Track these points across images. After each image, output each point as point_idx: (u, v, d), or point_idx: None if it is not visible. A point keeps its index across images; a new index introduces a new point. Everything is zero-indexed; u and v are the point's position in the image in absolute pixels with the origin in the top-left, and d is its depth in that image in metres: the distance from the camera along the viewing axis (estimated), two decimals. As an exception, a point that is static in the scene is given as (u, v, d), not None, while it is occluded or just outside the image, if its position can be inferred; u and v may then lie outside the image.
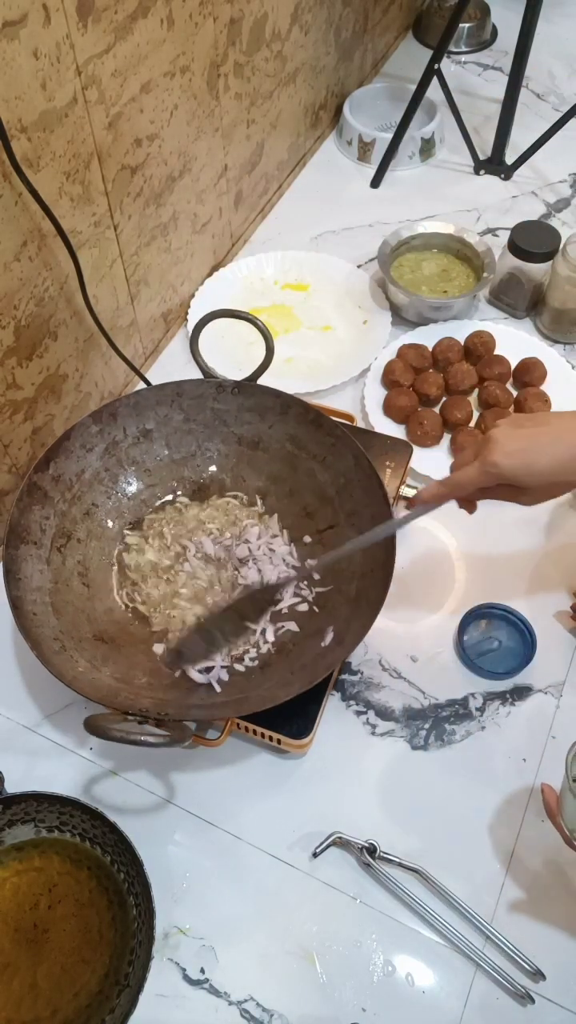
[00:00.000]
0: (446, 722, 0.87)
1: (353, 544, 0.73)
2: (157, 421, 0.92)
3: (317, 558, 0.82)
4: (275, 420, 0.92)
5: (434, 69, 1.26)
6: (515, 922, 0.77)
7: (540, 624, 0.91)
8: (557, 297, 1.13)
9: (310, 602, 0.86)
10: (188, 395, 0.92)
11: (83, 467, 0.88)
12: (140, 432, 0.91)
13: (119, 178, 0.94)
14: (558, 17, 1.62)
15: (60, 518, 0.85)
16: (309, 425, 0.90)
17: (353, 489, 0.87)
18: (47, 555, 0.83)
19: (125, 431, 0.90)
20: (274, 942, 0.77)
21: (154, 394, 0.91)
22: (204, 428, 0.93)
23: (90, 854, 0.79)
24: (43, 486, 0.84)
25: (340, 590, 0.84)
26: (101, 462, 0.89)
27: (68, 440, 0.86)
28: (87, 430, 0.88)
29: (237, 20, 1.05)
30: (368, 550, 0.81)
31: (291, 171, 1.39)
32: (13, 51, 0.72)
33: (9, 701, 0.91)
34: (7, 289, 0.84)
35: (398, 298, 1.19)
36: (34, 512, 0.83)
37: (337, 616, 0.82)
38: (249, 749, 0.86)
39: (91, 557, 0.88)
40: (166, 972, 0.76)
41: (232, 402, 0.92)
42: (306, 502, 0.91)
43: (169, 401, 0.91)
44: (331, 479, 0.89)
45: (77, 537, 0.87)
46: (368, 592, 0.80)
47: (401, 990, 0.75)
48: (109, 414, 0.89)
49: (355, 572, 0.83)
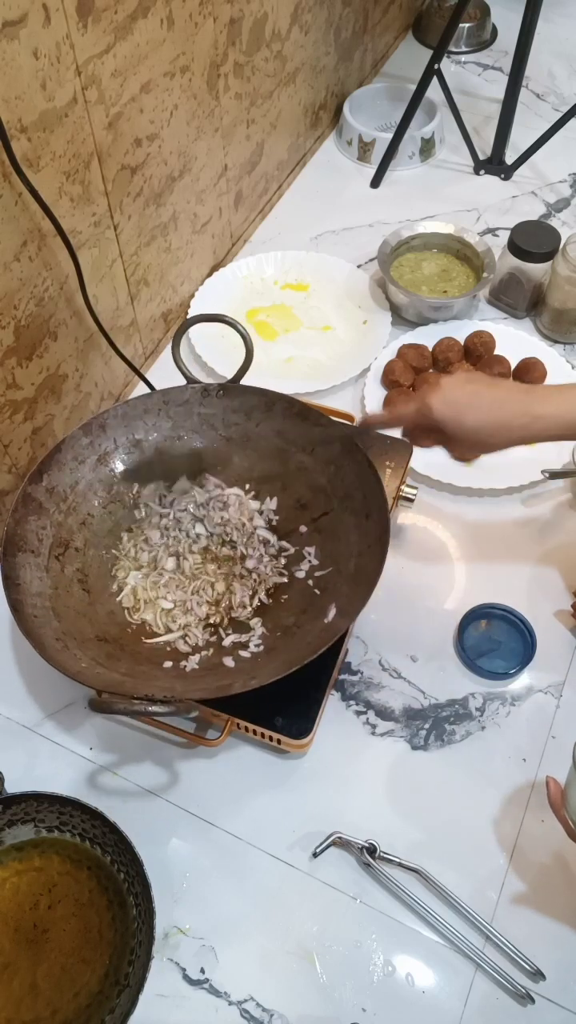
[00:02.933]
0: (446, 722, 0.87)
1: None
2: (146, 430, 0.92)
3: (306, 530, 0.82)
4: (261, 418, 0.92)
5: (434, 69, 1.26)
6: (515, 922, 0.77)
7: (540, 624, 0.91)
8: (557, 297, 1.13)
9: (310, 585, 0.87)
10: (174, 402, 0.92)
11: (76, 479, 0.89)
12: (131, 442, 0.92)
13: (119, 178, 0.94)
14: (558, 17, 1.62)
15: (56, 528, 0.86)
16: (295, 418, 0.91)
17: (344, 474, 0.87)
18: (45, 563, 0.84)
19: (115, 442, 0.91)
20: (274, 942, 0.77)
21: (141, 403, 0.91)
22: (193, 433, 0.94)
23: (90, 854, 0.79)
24: (37, 497, 0.85)
25: (340, 571, 0.85)
26: (94, 473, 0.90)
27: (60, 453, 0.87)
28: (78, 442, 0.88)
29: (237, 20, 1.05)
30: (363, 527, 0.82)
31: (291, 171, 1.39)
32: (13, 51, 0.73)
33: (9, 701, 0.91)
34: (7, 289, 0.84)
35: (398, 298, 1.19)
36: (30, 522, 0.84)
37: (338, 594, 0.83)
38: (249, 749, 0.86)
39: (90, 564, 0.88)
40: (166, 972, 0.76)
41: (218, 405, 0.93)
42: (299, 494, 0.91)
43: (156, 410, 0.92)
44: (321, 468, 0.90)
45: (75, 546, 0.87)
46: (366, 567, 0.81)
47: (401, 990, 0.75)
48: (99, 426, 0.89)
49: (352, 551, 0.84)
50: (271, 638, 0.84)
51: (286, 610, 0.86)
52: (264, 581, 0.88)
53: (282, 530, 0.91)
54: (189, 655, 0.83)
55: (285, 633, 0.84)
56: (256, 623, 0.85)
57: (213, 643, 0.85)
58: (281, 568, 0.89)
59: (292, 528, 0.91)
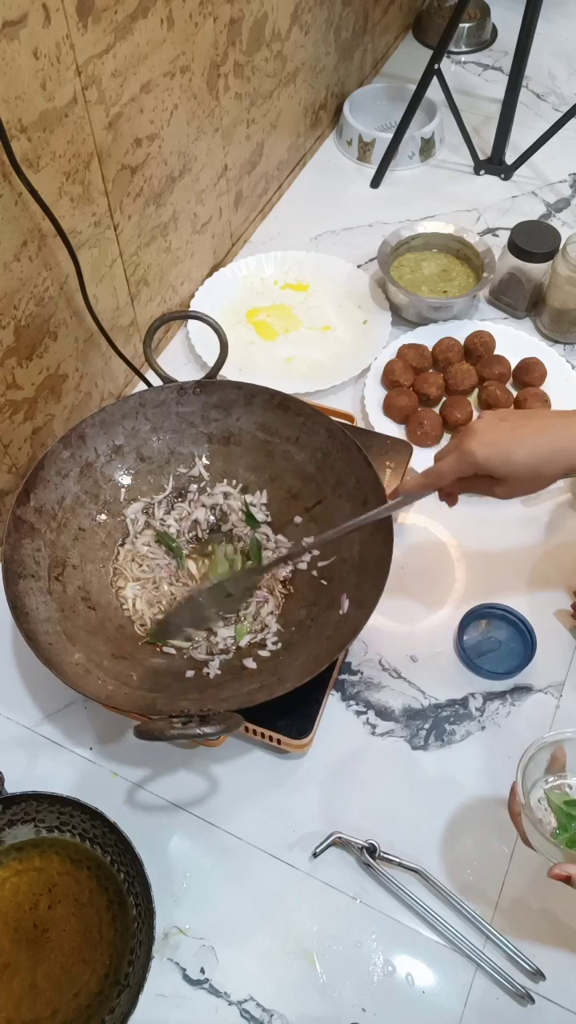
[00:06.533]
0: (446, 722, 0.87)
1: (336, 531, 0.75)
2: (126, 435, 0.91)
3: (312, 537, 0.82)
4: (241, 412, 0.92)
5: (434, 69, 1.26)
6: (515, 922, 0.77)
7: (540, 624, 0.92)
8: (557, 297, 1.13)
9: (315, 576, 0.86)
10: (151, 404, 0.91)
11: (62, 494, 0.87)
12: (111, 449, 0.91)
13: (119, 178, 0.94)
14: (558, 17, 1.62)
15: (51, 548, 0.85)
16: (276, 410, 0.90)
17: (333, 461, 0.87)
18: (47, 586, 0.82)
19: (96, 451, 0.90)
20: (274, 942, 0.77)
21: (118, 409, 0.90)
22: (173, 433, 0.93)
23: (90, 854, 0.79)
24: (28, 519, 0.83)
25: (344, 559, 0.85)
26: (79, 486, 0.88)
27: (43, 469, 0.85)
28: (58, 456, 0.86)
29: (237, 20, 1.05)
30: (361, 513, 0.81)
31: (291, 171, 1.39)
32: (13, 51, 0.72)
33: (9, 701, 0.91)
34: (7, 289, 0.84)
35: (398, 298, 1.19)
36: (24, 546, 0.82)
37: (347, 583, 0.83)
38: (249, 749, 0.86)
39: (90, 580, 0.87)
40: (166, 972, 0.76)
41: (196, 402, 0.92)
42: (289, 485, 0.91)
43: (134, 413, 0.91)
44: (309, 457, 0.90)
45: (72, 564, 0.86)
46: (372, 553, 0.81)
47: (401, 990, 0.75)
48: (78, 436, 0.88)
49: (354, 538, 0.83)
50: (287, 634, 0.84)
51: (295, 603, 0.86)
52: (275, 575, 0.87)
53: (277, 523, 0.91)
54: (208, 661, 0.83)
55: (300, 628, 0.84)
56: (271, 620, 0.86)
57: (230, 646, 0.85)
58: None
59: (287, 520, 0.91)
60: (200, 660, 0.84)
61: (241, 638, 0.85)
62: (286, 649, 0.83)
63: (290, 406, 0.90)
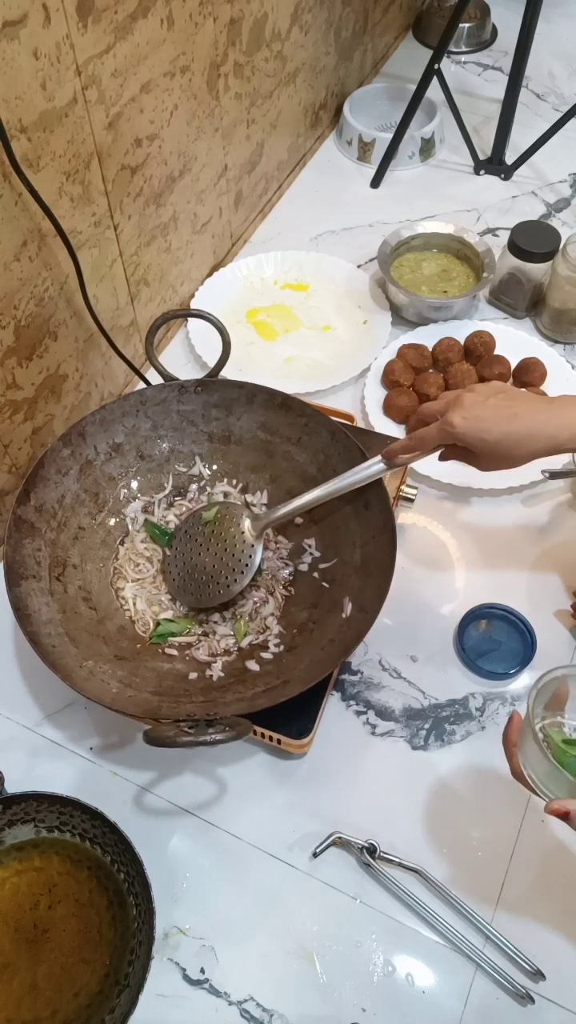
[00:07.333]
0: (446, 722, 0.87)
1: (318, 492, 0.77)
2: (126, 433, 0.91)
3: (302, 522, 0.82)
4: (242, 411, 0.92)
5: (434, 69, 1.26)
6: (515, 922, 0.77)
7: (540, 624, 0.91)
8: (557, 297, 1.13)
9: (316, 578, 0.86)
10: (152, 401, 0.91)
11: (62, 492, 0.87)
12: (111, 447, 0.90)
13: (119, 178, 0.94)
14: (558, 17, 1.62)
15: (51, 547, 0.84)
16: (277, 409, 0.90)
17: (335, 463, 0.87)
18: (48, 587, 0.82)
19: (96, 449, 0.89)
20: (274, 942, 0.77)
21: (119, 406, 0.90)
22: (173, 432, 0.93)
23: (90, 854, 0.79)
24: (28, 518, 0.83)
25: (345, 561, 0.85)
26: (79, 484, 0.88)
27: (43, 468, 0.85)
28: (58, 454, 0.86)
29: (237, 20, 1.05)
30: (364, 516, 0.82)
31: (291, 171, 1.39)
32: (13, 51, 0.73)
33: (9, 701, 0.91)
34: (7, 289, 0.84)
35: (398, 298, 1.19)
36: (25, 546, 0.82)
37: (349, 586, 0.82)
38: (249, 749, 0.86)
39: (90, 580, 0.87)
40: (166, 972, 0.76)
41: (197, 401, 0.92)
42: (289, 485, 0.91)
43: (135, 411, 0.91)
44: (310, 458, 0.89)
45: (72, 563, 0.86)
46: (375, 557, 0.80)
47: (401, 990, 0.75)
48: (78, 434, 0.88)
49: (356, 541, 0.83)
50: (288, 636, 0.84)
51: (296, 605, 0.86)
52: (276, 576, 0.87)
53: (277, 523, 0.91)
54: (211, 663, 0.83)
55: (301, 630, 0.84)
56: (272, 622, 0.85)
57: (231, 647, 0.85)
58: (285, 559, 0.88)
59: (287, 520, 0.91)
60: (203, 662, 0.84)
61: (241, 638, 0.85)
62: (289, 652, 0.83)
63: (292, 406, 0.89)
